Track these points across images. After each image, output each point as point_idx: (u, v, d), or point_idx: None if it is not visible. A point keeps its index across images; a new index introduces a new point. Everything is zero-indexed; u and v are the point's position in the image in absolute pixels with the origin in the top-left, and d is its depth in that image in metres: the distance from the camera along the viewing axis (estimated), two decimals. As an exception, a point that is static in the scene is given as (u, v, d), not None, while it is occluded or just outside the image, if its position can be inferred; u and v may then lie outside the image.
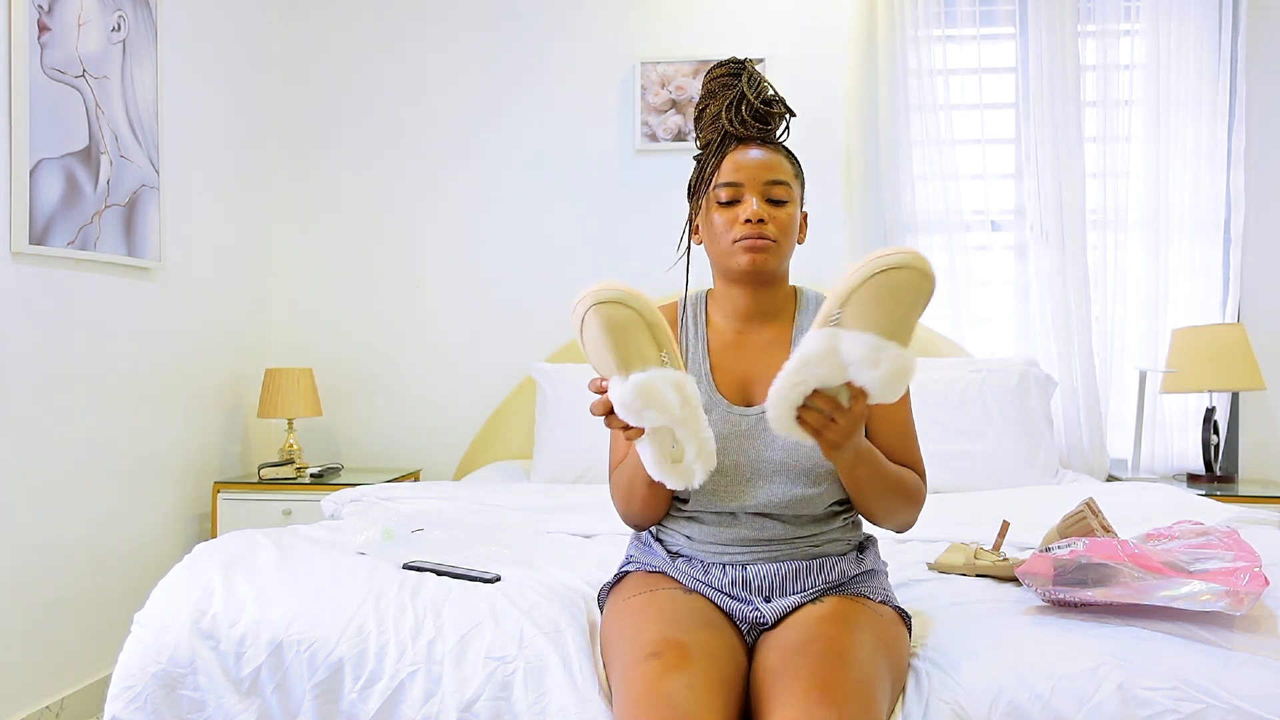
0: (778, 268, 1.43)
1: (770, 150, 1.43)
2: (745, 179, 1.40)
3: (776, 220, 1.40)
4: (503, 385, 3.37)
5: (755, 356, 1.44)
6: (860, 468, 1.29)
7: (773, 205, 1.40)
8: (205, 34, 3.04)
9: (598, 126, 3.36)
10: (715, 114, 1.45)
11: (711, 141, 1.45)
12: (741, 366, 1.44)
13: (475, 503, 2.34)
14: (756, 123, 1.42)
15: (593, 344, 1.18)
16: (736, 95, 1.43)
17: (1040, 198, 3.11)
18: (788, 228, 1.41)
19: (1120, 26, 3.12)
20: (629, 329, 1.16)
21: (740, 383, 1.44)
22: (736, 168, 1.41)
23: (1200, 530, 1.49)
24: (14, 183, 2.24)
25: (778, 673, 1.18)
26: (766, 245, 1.39)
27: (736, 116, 1.42)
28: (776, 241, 1.40)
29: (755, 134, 1.43)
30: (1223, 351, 2.85)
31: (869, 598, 1.35)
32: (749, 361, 1.44)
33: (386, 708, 1.32)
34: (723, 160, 1.43)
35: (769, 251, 1.39)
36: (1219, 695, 1.16)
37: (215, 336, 3.10)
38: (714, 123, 1.45)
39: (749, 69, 1.46)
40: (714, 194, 1.43)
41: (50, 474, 2.39)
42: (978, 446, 2.73)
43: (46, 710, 2.36)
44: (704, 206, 1.46)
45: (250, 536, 1.71)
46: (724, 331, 1.48)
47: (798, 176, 1.46)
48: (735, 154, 1.42)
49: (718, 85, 1.46)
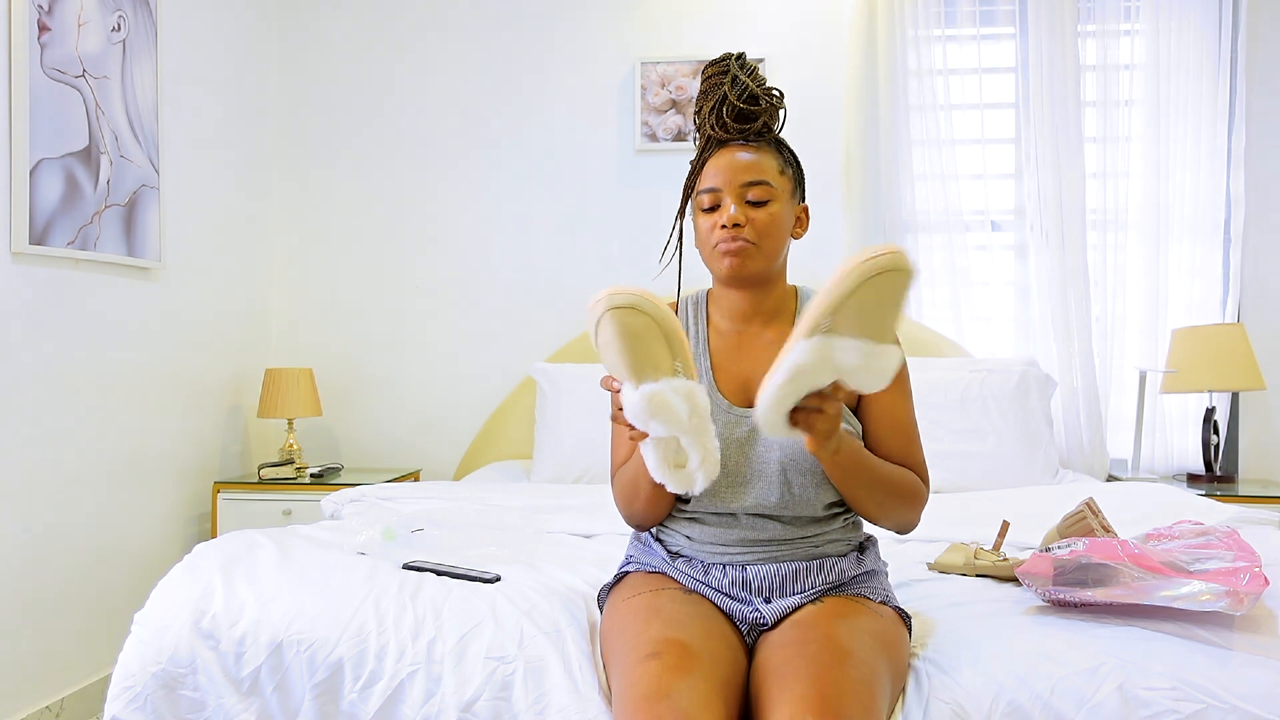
0: (763, 269, 1.42)
1: (753, 150, 1.41)
2: (722, 183, 1.40)
3: (755, 222, 1.39)
4: (503, 385, 3.37)
5: (757, 357, 1.43)
6: (842, 455, 1.28)
7: (752, 207, 1.39)
8: (205, 34, 3.04)
9: (598, 126, 3.36)
10: (703, 115, 1.45)
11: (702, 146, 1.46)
12: (743, 367, 1.44)
13: (475, 503, 2.34)
14: (737, 123, 1.41)
15: (607, 348, 1.18)
16: (718, 97, 1.42)
17: (1040, 198, 3.11)
18: (768, 228, 1.39)
19: (1120, 26, 3.12)
20: (643, 336, 1.16)
21: (741, 383, 1.43)
22: (715, 172, 1.41)
23: (1200, 530, 1.49)
24: (14, 183, 2.24)
25: (777, 673, 1.18)
26: (744, 249, 1.38)
27: (716, 120, 1.42)
28: (756, 244, 1.39)
29: (735, 135, 1.42)
30: (1223, 351, 2.85)
31: (869, 598, 1.35)
32: (751, 362, 1.44)
33: (386, 708, 1.32)
34: (704, 165, 1.43)
35: (747, 255, 1.39)
36: (1219, 695, 1.16)
37: (215, 336, 3.10)
38: (701, 126, 1.46)
39: (733, 66, 1.44)
40: (697, 200, 1.44)
41: (50, 474, 2.39)
42: (978, 446, 2.72)
43: (46, 710, 2.36)
44: (689, 211, 1.48)
45: (250, 536, 1.71)
46: (725, 332, 1.48)
47: (784, 171, 1.43)
48: (715, 157, 1.42)
49: (709, 84, 1.45)
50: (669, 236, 1.52)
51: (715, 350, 1.46)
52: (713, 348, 1.47)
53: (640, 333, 1.16)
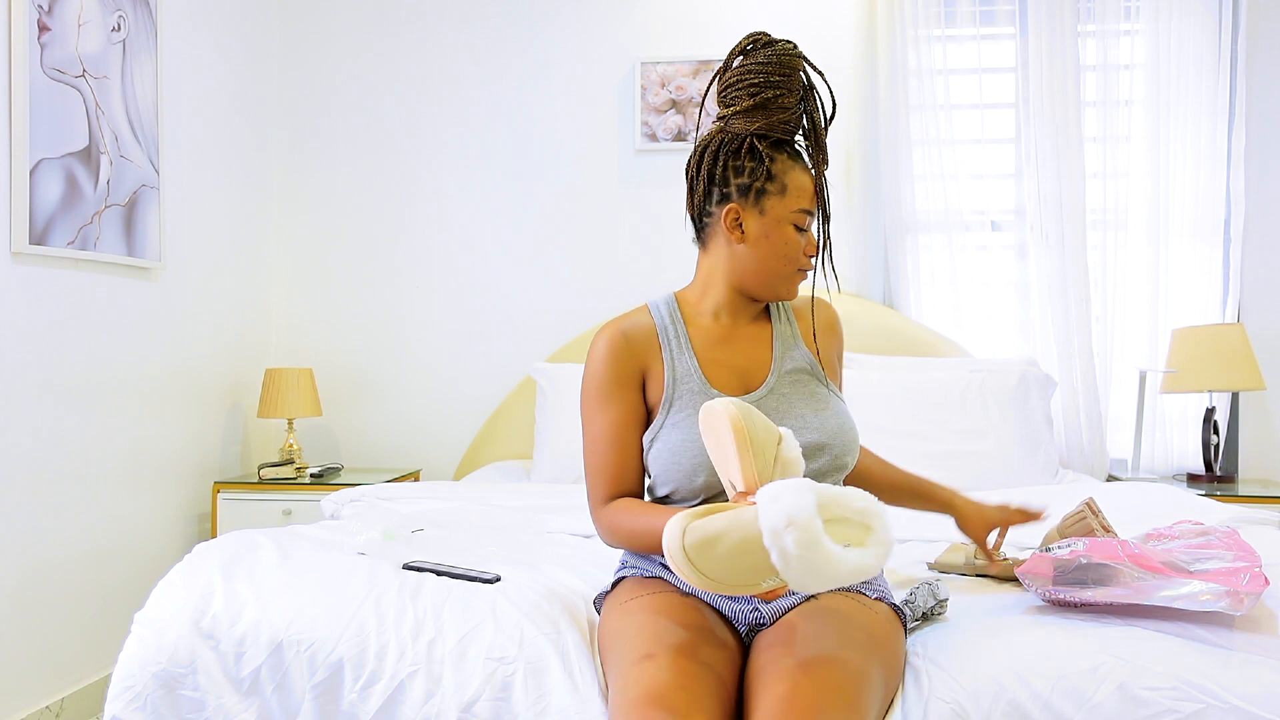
0: None
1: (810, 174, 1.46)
2: (811, 206, 1.43)
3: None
4: (503, 385, 3.37)
5: (745, 349, 1.48)
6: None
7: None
8: (205, 33, 3.04)
9: (598, 126, 3.36)
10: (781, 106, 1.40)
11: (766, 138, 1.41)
12: (733, 359, 1.46)
13: (475, 503, 2.34)
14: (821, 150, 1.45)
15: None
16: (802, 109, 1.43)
17: (1040, 198, 3.11)
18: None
19: (1120, 26, 3.12)
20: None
21: (732, 373, 1.45)
22: (805, 194, 1.42)
23: (1200, 530, 1.48)
24: (14, 183, 2.24)
25: (762, 673, 1.18)
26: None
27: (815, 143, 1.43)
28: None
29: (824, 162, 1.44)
30: (1223, 351, 2.85)
31: (864, 594, 1.35)
32: (740, 354, 1.47)
33: (386, 708, 1.32)
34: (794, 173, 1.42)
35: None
36: (1219, 695, 1.16)
37: (215, 336, 3.10)
38: (773, 116, 1.40)
39: (809, 73, 1.44)
40: (790, 213, 1.42)
41: (50, 474, 2.39)
42: (978, 446, 2.72)
43: (46, 710, 2.36)
44: (764, 210, 1.41)
45: (250, 536, 1.71)
46: (709, 328, 1.49)
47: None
48: (802, 173, 1.42)
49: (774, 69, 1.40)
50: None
51: (700, 346, 1.47)
52: (697, 344, 1.47)
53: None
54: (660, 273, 3.28)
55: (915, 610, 1.40)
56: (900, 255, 3.19)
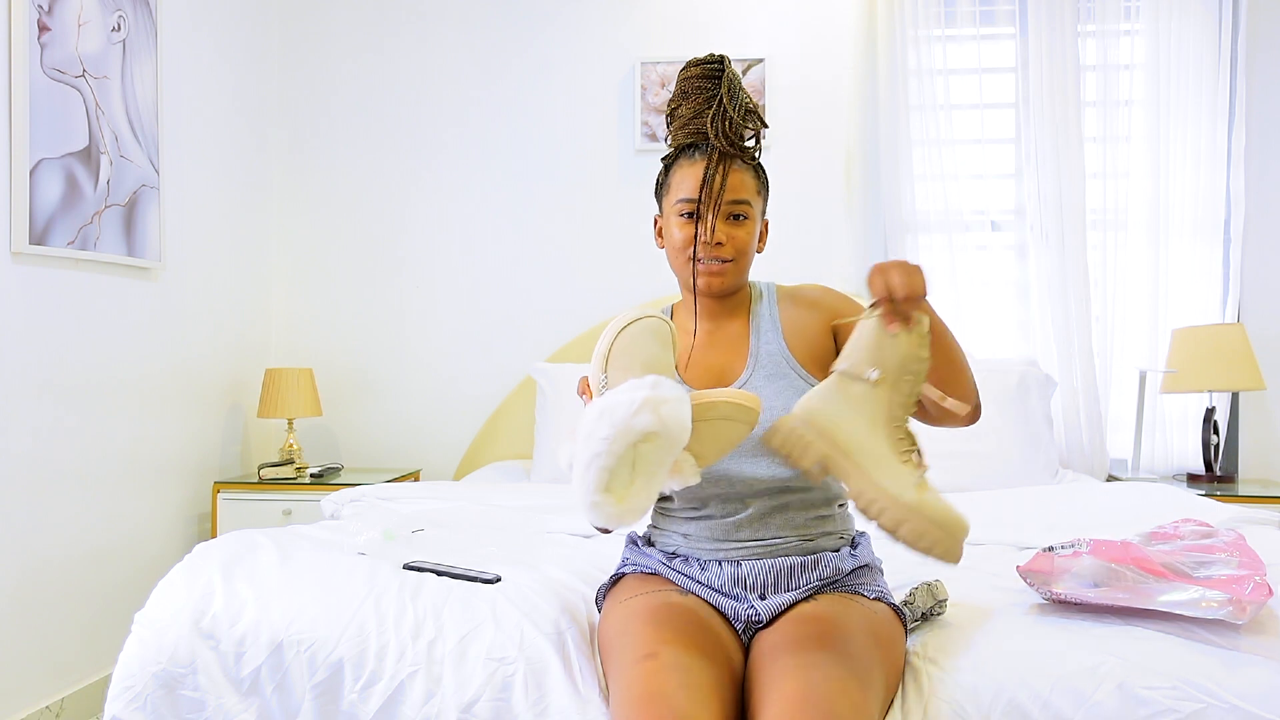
0: (735, 284, 1.47)
1: (738, 167, 1.41)
2: (706, 197, 1.39)
3: (735, 240, 1.42)
4: (503, 385, 3.37)
5: (723, 349, 1.48)
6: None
7: (733, 223, 1.42)
8: (205, 33, 3.04)
9: (598, 126, 3.36)
10: (687, 117, 1.43)
11: (680, 146, 1.44)
12: (710, 359, 1.48)
13: (475, 503, 2.34)
14: (725, 139, 1.39)
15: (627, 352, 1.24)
16: (716, 107, 1.40)
17: (1040, 198, 3.11)
18: (746, 246, 1.43)
19: (1120, 26, 3.11)
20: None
21: (708, 373, 1.46)
22: (695, 184, 1.40)
23: (1205, 532, 1.48)
24: (14, 183, 2.24)
25: (768, 671, 1.18)
26: (725, 268, 1.42)
27: (719, 132, 1.39)
28: (735, 261, 1.43)
29: (731, 150, 1.40)
30: (1223, 351, 2.84)
31: (864, 594, 1.35)
32: (718, 355, 1.48)
33: (386, 708, 1.32)
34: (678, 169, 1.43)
35: (725, 273, 1.43)
36: (1219, 695, 1.16)
37: (215, 336, 3.10)
38: (685, 126, 1.43)
39: (728, 73, 1.42)
40: (673, 205, 1.44)
41: (50, 474, 2.38)
42: (977, 446, 2.72)
43: (46, 710, 2.36)
44: (663, 212, 1.48)
45: (250, 536, 1.71)
46: (690, 334, 1.51)
47: (760, 191, 1.45)
48: (694, 166, 1.41)
49: (691, 86, 1.43)
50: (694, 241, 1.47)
51: (682, 352, 1.48)
52: (679, 350, 1.48)
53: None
54: (660, 273, 3.25)
55: (915, 611, 1.40)
56: (900, 255, 3.19)
